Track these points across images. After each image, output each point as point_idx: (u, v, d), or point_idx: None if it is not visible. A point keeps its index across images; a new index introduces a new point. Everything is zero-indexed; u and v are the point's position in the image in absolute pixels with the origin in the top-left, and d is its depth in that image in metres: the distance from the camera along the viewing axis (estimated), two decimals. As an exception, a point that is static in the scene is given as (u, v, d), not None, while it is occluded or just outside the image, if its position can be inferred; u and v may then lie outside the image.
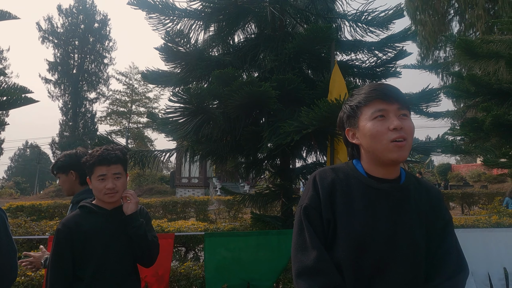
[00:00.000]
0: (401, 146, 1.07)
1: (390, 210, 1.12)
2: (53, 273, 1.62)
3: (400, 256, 1.10)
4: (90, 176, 1.69)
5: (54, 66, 30.14)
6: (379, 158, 1.12)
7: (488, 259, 3.25)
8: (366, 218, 1.11)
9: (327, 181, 1.16)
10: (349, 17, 4.06)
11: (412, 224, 1.12)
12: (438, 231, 1.16)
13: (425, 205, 1.16)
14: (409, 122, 1.11)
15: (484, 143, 5.54)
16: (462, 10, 17.14)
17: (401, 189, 1.15)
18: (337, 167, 1.23)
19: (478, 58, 5.08)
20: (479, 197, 14.11)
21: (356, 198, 1.13)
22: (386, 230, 1.10)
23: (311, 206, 1.15)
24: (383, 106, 1.09)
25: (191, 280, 2.68)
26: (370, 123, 1.10)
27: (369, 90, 1.13)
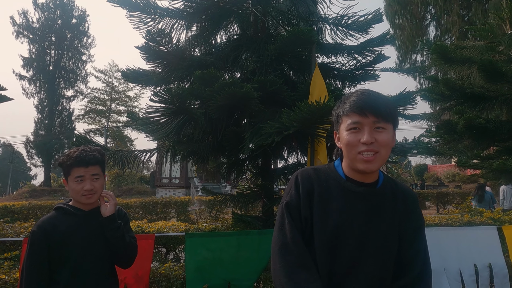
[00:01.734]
0: (367, 160, 1.13)
1: (364, 213, 1.17)
2: (28, 277, 1.58)
3: (370, 257, 1.16)
4: (66, 177, 1.66)
5: (29, 62, 29.01)
6: (351, 165, 1.19)
7: (459, 256, 3.39)
8: (340, 219, 1.16)
9: (307, 181, 1.22)
10: (330, 20, 4.14)
11: (384, 228, 1.18)
12: (410, 234, 1.21)
13: (400, 208, 1.22)
14: (384, 135, 1.14)
15: (457, 145, 5.76)
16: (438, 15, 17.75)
17: (377, 193, 1.21)
18: (319, 167, 1.28)
19: (452, 63, 5.29)
20: (453, 196, 14.65)
21: (333, 199, 1.19)
22: (358, 232, 1.16)
23: (292, 203, 1.20)
24: (358, 119, 1.14)
25: (172, 281, 2.67)
26: (345, 133, 1.16)
27: (350, 100, 1.18)
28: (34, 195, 23.88)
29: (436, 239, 3.41)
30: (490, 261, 3.41)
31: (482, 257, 3.41)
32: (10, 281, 2.50)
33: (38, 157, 29.30)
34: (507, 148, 5.46)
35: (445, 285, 3.26)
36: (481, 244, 3.47)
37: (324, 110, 2.55)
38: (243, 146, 3.26)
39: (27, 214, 10.46)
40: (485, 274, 3.37)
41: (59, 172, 37.81)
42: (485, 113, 5.99)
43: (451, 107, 6.23)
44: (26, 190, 25.97)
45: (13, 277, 2.55)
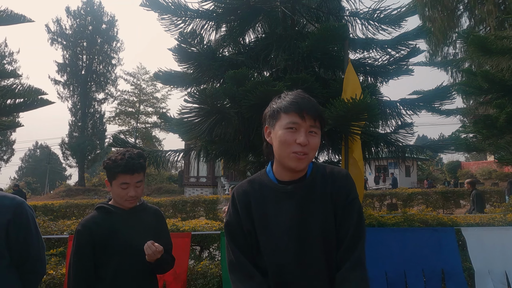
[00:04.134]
0: (300, 159, 1.18)
1: (298, 208, 1.22)
2: (76, 274, 1.65)
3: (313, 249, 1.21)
4: (111, 180, 1.71)
5: (63, 68, 30.40)
6: (281, 161, 1.23)
7: (505, 257, 3.22)
8: (278, 221, 1.22)
9: (243, 196, 1.28)
10: (361, 15, 4.04)
11: (320, 216, 1.23)
12: (342, 210, 1.24)
13: (331, 190, 1.25)
14: (316, 139, 1.21)
15: (497, 140, 5.47)
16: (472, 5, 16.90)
17: (306, 185, 1.25)
18: (253, 178, 1.34)
19: (492, 55, 5.01)
20: (490, 195, 13.94)
21: (269, 205, 1.25)
22: (297, 229, 1.21)
23: (232, 222, 1.28)
24: (297, 120, 1.18)
25: (208, 278, 2.70)
26: (282, 131, 1.19)
27: (291, 100, 1.21)
28: (70, 194, 25.02)
29: (479, 239, 3.26)
30: (539, 263, 3.21)
31: (530, 259, 3.22)
32: (58, 276, 2.62)
33: (72, 158, 30.62)
34: (553, 143, 5.12)
35: (489, 287, 3.11)
36: (529, 245, 3.28)
37: (360, 106, 2.50)
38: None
39: (64, 212, 10.98)
40: (534, 276, 3.18)
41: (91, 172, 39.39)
42: (528, 106, 5.64)
43: (489, 101, 5.92)
44: (62, 190, 27.25)
45: (60, 272, 2.68)
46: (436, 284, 3.09)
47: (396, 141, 3.97)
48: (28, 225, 1.56)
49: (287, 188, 1.24)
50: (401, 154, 4.10)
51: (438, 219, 3.81)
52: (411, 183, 24.49)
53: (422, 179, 26.53)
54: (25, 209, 1.57)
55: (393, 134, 3.95)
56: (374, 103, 2.52)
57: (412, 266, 3.10)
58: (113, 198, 1.77)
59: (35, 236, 1.60)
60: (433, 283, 3.09)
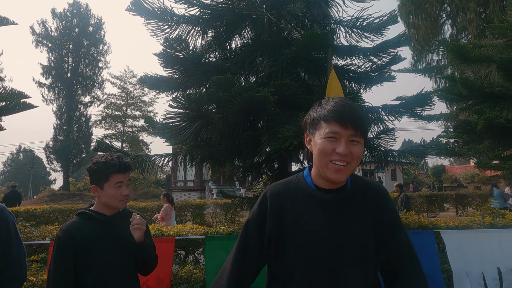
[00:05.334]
0: (339, 169, 1.13)
1: (335, 218, 1.17)
2: (55, 281, 1.63)
3: (349, 262, 1.14)
4: (102, 182, 1.70)
5: (48, 70, 29.87)
6: (321, 172, 1.18)
7: (482, 259, 3.32)
8: (314, 229, 1.16)
9: (276, 198, 1.22)
10: (345, 23, 4.14)
11: (358, 230, 1.17)
12: (386, 230, 1.20)
13: (372, 207, 1.21)
14: (358, 148, 1.14)
15: (477, 145, 5.64)
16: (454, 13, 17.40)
17: (346, 197, 1.20)
18: (289, 180, 1.28)
19: (470, 62, 5.19)
20: (473, 198, 14.29)
21: (304, 211, 1.19)
22: (333, 240, 1.15)
23: (253, 221, 1.24)
24: (338, 129, 1.12)
25: (192, 283, 2.71)
26: (321, 140, 1.14)
27: (331, 108, 1.16)
28: (54, 199, 24.50)
29: (457, 242, 3.35)
30: (514, 264, 3.32)
31: (506, 260, 3.33)
32: (38, 283, 2.59)
33: (57, 162, 30.02)
34: (530, 148, 5.31)
35: (467, 289, 3.20)
36: (505, 247, 3.38)
37: (341, 113, 2.56)
38: (260, 149, 3.29)
39: (48, 217, 10.76)
40: (510, 277, 3.28)
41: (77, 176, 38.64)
42: (505, 112, 5.84)
43: (470, 107, 6.10)
44: (46, 195, 26.66)
45: (40, 279, 2.64)
46: (416, 286, 3.16)
47: (378, 146, 4.06)
48: (8, 231, 1.55)
49: (326, 197, 1.19)
50: (384, 158, 4.19)
51: (419, 222, 3.91)
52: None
53: (407, 183, 26.98)
54: (5, 214, 1.56)
55: (376, 139, 4.04)
56: (355, 109, 2.58)
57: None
58: (103, 202, 1.74)
59: (15, 242, 1.59)
60: (414, 285, 3.16)
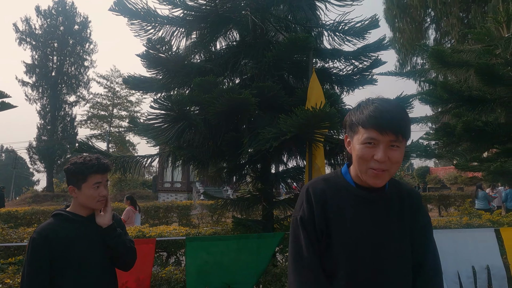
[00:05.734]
0: (377, 175, 1.13)
1: (377, 218, 1.19)
2: (29, 283, 1.61)
3: (388, 261, 1.17)
4: (80, 183, 1.70)
5: (31, 69, 29.25)
6: (360, 176, 1.19)
7: (457, 258, 3.42)
8: (357, 226, 1.18)
9: (320, 193, 1.22)
10: (327, 26, 4.20)
11: (397, 230, 1.20)
12: (419, 233, 1.23)
13: (407, 209, 1.24)
14: (398, 153, 1.12)
15: (456, 147, 5.79)
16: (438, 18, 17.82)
17: (386, 197, 1.22)
18: (328, 177, 1.29)
19: (450, 67, 5.33)
20: (455, 199, 14.65)
21: (346, 208, 1.20)
22: (374, 237, 1.17)
23: (306, 217, 1.21)
24: (376, 135, 1.11)
25: (172, 284, 2.71)
26: (359, 146, 1.14)
27: (370, 114, 1.13)
28: (37, 200, 23.99)
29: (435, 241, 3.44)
30: (488, 263, 3.44)
31: (480, 259, 3.44)
32: (15, 285, 2.55)
33: (40, 162, 29.39)
34: (506, 151, 5.49)
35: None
36: (479, 246, 3.50)
37: (320, 116, 2.61)
38: (242, 151, 3.31)
39: (30, 219, 10.53)
40: (483, 276, 3.40)
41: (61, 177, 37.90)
42: (484, 115, 6.02)
43: (450, 110, 6.27)
44: (29, 196, 26.07)
45: (17, 281, 2.60)
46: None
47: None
48: None
49: (368, 195, 1.20)
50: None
51: (398, 222, 3.99)
52: (382, 188, 25.19)
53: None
54: None
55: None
56: (334, 112, 2.63)
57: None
58: (80, 203, 1.74)
59: None
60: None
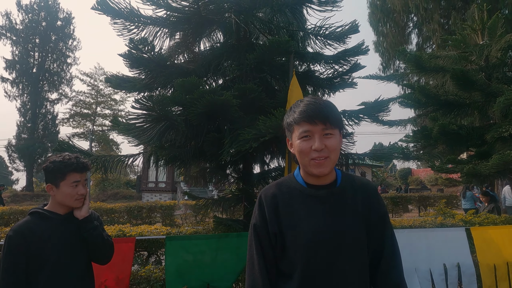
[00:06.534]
0: (320, 164, 1.22)
1: (330, 214, 1.25)
2: (5, 280, 1.62)
3: (343, 256, 1.22)
4: (58, 182, 1.72)
5: (12, 64, 28.45)
6: (305, 170, 1.28)
7: (430, 256, 3.56)
8: (309, 225, 1.23)
9: (270, 198, 1.30)
10: (309, 30, 4.30)
11: (351, 223, 1.25)
12: (375, 224, 1.30)
13: (362, 201, 1.30)
14: (333, 140, 1.23)
15: (432, 150, 6.00)
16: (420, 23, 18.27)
17: (337, 192, 1.28)
18: (281, 181, 1.37)
19: (427, 72, 5.53)
20: (434, 200, 15.05)
21: (298, 208, 1.27)
22: (328, 234, 1.23)
23: (258, 224, 1.29)
24: (308, 127, 1.22)
25: (152, 283, 2.74)
26: (298, 141, 1.24)
27: (299, 110, 1.25)
28: (16, 200, 23.37)
29: (408, 240, 3.58)
30: (459, 261, 3.59)
31: (451, 257, 3.59)
32: (-10, 285, 2.53)
33: (20, 161, 28.62)
34: (479, 153, 5.72)
35: (415, 284, 3.42)
36: (451, 245, 3.65)
37: (298, 117, 2.69)
38: (223, 151, 3.36)
39: (8, 219, 10.27)
40: (454, 273, 3.55)
41: (41, 176, 36.97)
42: (459, 119, 6.25)
43: (428, 113, 6.48)
44: (7, 195, 25.32)
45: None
46: (369, 282, 3.35)
47: (339, 150, 4.24)
48: None
49: (318, 193, 1.27)
50: (345, 161, 4.38)
51: (375, 222, 4.11)
52: (365, 189, 25.64)
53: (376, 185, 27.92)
54: None
55: (336, 143, 4.21)
56: (311, 114, 2.71)
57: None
58: (58, 201, 1.77)
59: None
60: (367, 281, 3.35)
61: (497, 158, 4.23)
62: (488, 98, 5.37)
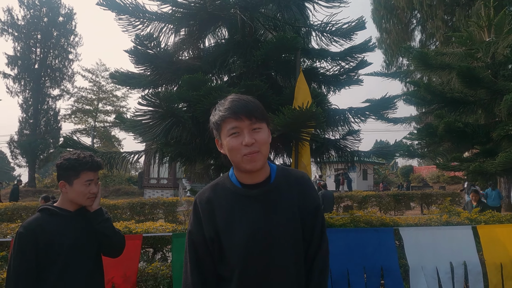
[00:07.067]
0: (252, 159, 1.20)
1: (264, 212, 1.25)
2: (16, 277, 1.62)
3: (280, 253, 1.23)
4: (72, 179, 1.72)
5: (13, 60, 28.39)
6: (238, 167, 1.26)
7: (436, 255, 3.55)
8: (244, 226, 1.23)
9: (205, 203, 1.28)
10: (315, 27, 4.26)
11: (287, 220, 1.26)
12: (309, 215, 1.30)
13: (297, 196, 1.30)
14: (262, 134, 1.22)
15: (437, 147, 5.96)
16: (424, 20, 18.15)
17: (271, 189, 1.28)
18: (216, 183, 1.34)
19: (433, 69, 5.48)
20: (436, 197, 14.99)
21: (234, 210, 1.25)
22: (263, 233, 1.23)
23: (194, 231, 1.28)
24: (235, 124, 1.21)
25: (159, 280, 2.73)
26: (227, 139, 1.22)
27: (224, 108, 1.24)
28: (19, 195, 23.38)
29: (414, 238, 3.56)
30: (465, 259, 3.57)
31: (458, 256, 3.57)
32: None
33: (22, 157, 28.63)
34: (485, 151, 5.68)
35: (422, 282, 3.41)
36: (457, 243, 3.63)
37: (307, 115, 2.67)
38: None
39: (11, 215, 10.29)
40: (460, 271, 3.53)
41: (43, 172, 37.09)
42: (465, 117, 6.21)
43: (433, 111, 6.44)
44: (9, 191, 25.39)
45: (0, 277, 2.58)
46: (375, 280, 3.34)
47: (344, 147, 4.22)
48: None
49: (252, 192, 1.26)
50: (350, 158, 4.36)
51: (381, 220, 4.10)
52: (367, 186, 25.65)
53: (378, 183, 27.87)
54: None
55: (342, 140, 4.19)
56: (320, 112, 2.69)
57: (355, 264, 3.33)
58: (70, 198, 1.76)
59: None
60: (373, 280, 3.34)
61: (504, 156, 4.20)
62: (495, 96, 5.32)
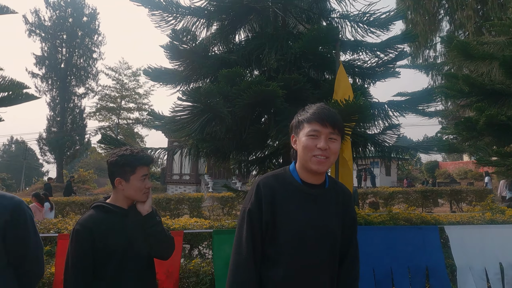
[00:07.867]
0: (320, 162, 1.35)
1: (317, 211, 1.39)
2: (75, 274, 1.62)
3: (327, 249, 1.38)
4: (129, 175, 1.70)
5: (41, 60, 29.34)
6: (305, 165, 1.39)
7: (484, 254, 3.37)
8: (300, 218, 1.37)
9: (269, 188, 1.39)
10: (351, 17, 4.11)
11: (334, 221, 1.41)
12: (347, 225, 1.46)
13: (341, 204, 1.46)
14: (336, 144, 1.37)
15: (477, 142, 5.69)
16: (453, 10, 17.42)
17: (326, 193, 1.43)
18: (277, 173, 1.47)
19: (473, 59, 5.21)
20: (467, 194, 14.44)
21: (292, 201, 1.38)
22: (315, 228, 1.37)
23: (253, 210, 1.37)
24: (318, 127, 1.35)
25: (201, 277, 2.71)
26: (305, 138, 1.37)
27: (313, 112, 1.39)
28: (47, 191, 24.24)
29: (460, 237, 3.39)
30: (516, 260, 3.38)
31: (508, 256, 3.38)
32: (46, 276, 2.57)
33: (50, 153, 29.67)
34: (529, 146, 5.37)
35: (470, 283, 3.25)
36: (506, 243, 3.43)
37: (353, 108, 2.56)
38: (267, 144, 3.28)
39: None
40: (511, 272, 3.34)
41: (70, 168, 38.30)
42: (505, 109, 5.89)
43: (471, 104, 6.14)
44: (39, 186, 26.36)
45: (48, 271, 2.62)
46: (420, 280, 3.21)
47: (383, 142, 4.08)
48: (26, 226, 1.52)
49: (312, 192, 1.40)
50: (387, 154, 4.21)
51: (421, 217, 3.94)
52: (391, 182, 25.06)
53: (401, 178, 27.21)
54: (24, 209, 1.54)
55: (381, 135, 4.05)
56: (366, 104, 2.58)
57: (398, 264, 3.20)
58: (126, 195, 1.74)
59: (33, 236, 1.57)
60: (418, 280, 3.20)
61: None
62: (541, 87, 5.01)
